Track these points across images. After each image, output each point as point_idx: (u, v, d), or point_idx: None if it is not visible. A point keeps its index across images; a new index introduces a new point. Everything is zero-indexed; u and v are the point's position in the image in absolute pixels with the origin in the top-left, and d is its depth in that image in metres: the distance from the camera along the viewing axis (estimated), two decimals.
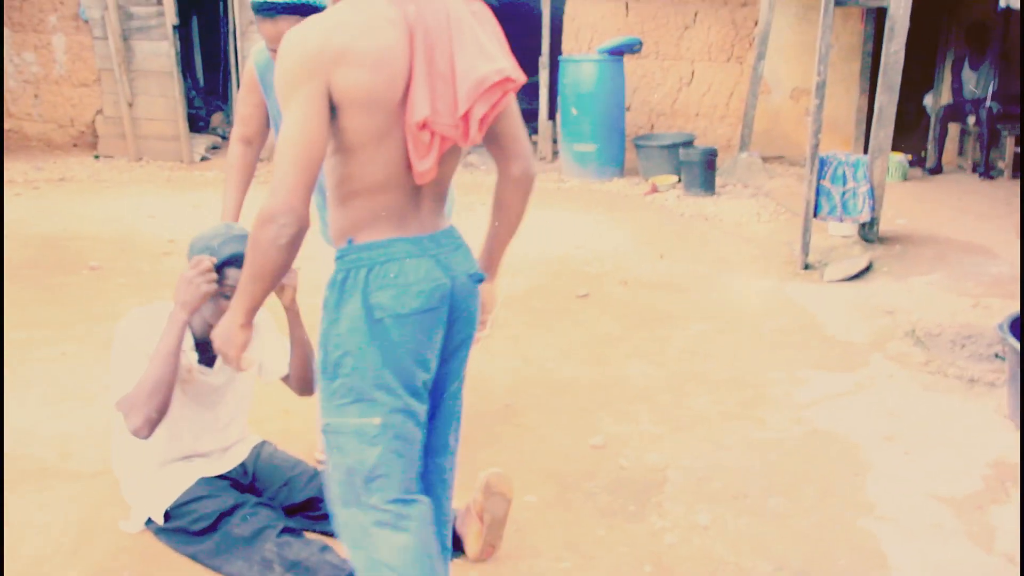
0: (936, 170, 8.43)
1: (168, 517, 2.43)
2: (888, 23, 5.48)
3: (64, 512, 2.71)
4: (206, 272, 2.27)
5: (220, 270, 2.30)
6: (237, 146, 2.88)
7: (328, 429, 1.83)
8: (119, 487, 2.60)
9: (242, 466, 2.61)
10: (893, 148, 5.94)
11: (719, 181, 7.85)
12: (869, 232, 5.81)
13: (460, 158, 1.90)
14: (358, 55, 1.65)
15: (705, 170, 7.54)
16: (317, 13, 2.45)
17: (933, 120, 8.67)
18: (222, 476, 2.53)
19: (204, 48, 11.13)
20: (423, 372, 1.83)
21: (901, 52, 5.49)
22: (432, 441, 1.97)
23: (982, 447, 3.26)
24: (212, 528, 2.38)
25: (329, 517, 1.94)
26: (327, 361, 1.79)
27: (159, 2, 8.77)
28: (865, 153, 5.81)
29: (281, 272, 1.71)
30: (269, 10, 2.47)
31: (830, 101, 7.61)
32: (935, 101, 8.94)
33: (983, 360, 4.02)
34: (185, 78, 9.59)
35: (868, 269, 5.36)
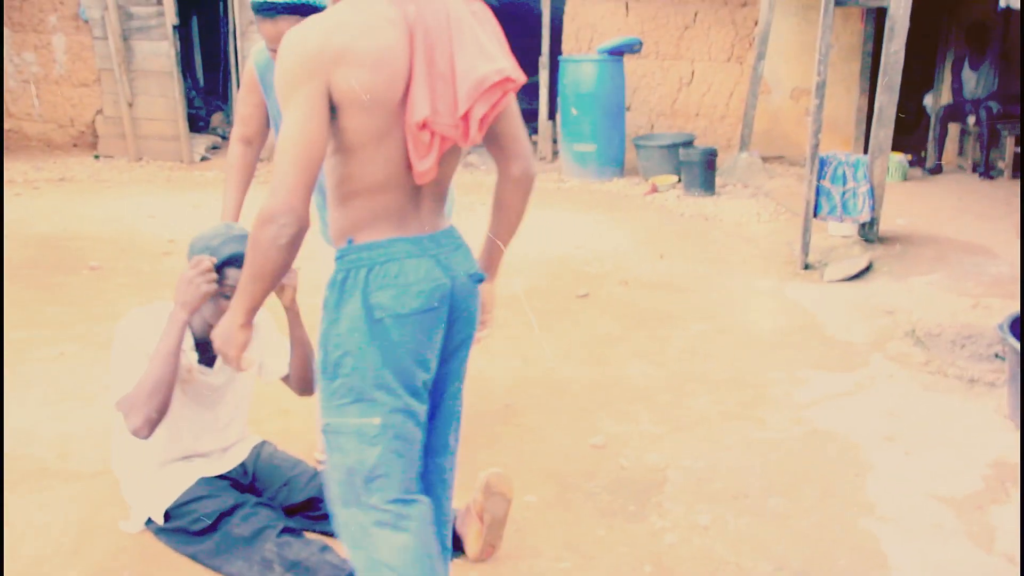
0: (936, 170, 8.44)
1: (168, 517, 2.43)
2: (888, 23, 5.48)
3: (64, 512, 2.71)
4: (206, 272, 2.28)
5: (220, 270, 2.31)
6: (237, 146, 2.88)
7: (328, 429, 1.83)
8: (119, 487, 2.60)
9: (242, 466, 2.61)
10: (893, 148, 5.94)
11: (719, 181, 7.85)
12: (869, 232, 5.81)
13: (460, 158, 1.90)
14: (358, 55, 1.65)
15: (705, 170, 7.54)
16: (317, 13, 2.45)
17: (933, 120, 8.67)
18: (222, 476, 2.53)
19: (204, 48, 11.13)
20: (423, 372, 1.83)
21: (901, 52, 5.49)
22: (432, 441, 1.97)
23: (982, 447, 3.26)
24: (212, 528, 2.38)
25: (329, 517, 1.94)
26: (327, 361, 1.79)
27: (159, 2, 8.77)
28: (865, 153, 5.81)
29: (281, 272, 1.71)
30: (269, 10, 2.46)
31: (830, 101, 7.62)
32: (935, 101, 8.94)
33: (983, 360, 4.02)
34: (185, 78, 9.59)
35: (868, 269, 5.36)
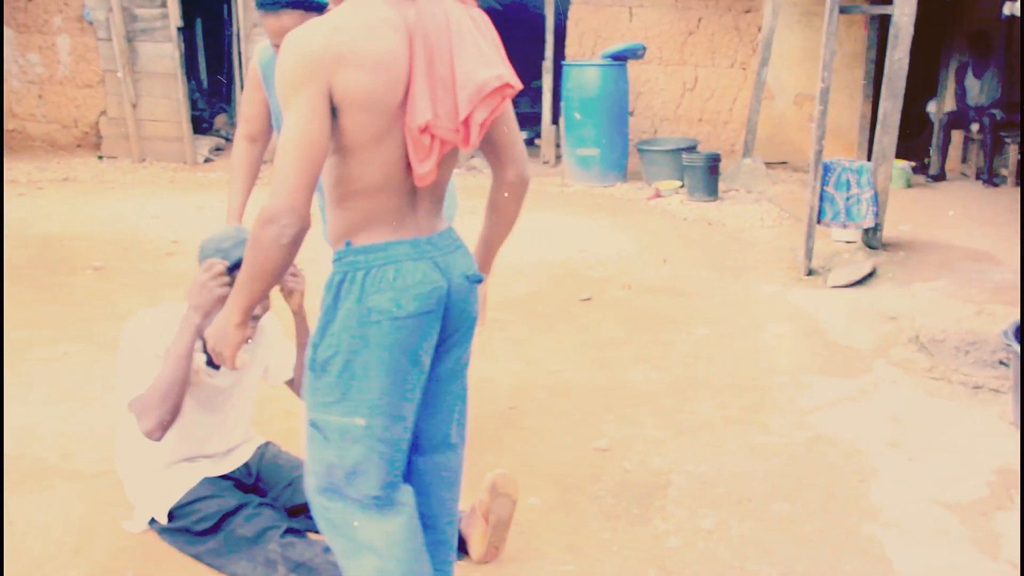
0: (939, 177, 8.43)
1: (172, 517, 2.42)
2: (892, 30, 5.49)
3: (66, 512, 2.70)
4: (219, 276, 2.27)
5: (232, 273, 2.30)
6: (242, 144, 2.88)
7: (312, 424, 1.85)
8: (121, 487, 2.59)
9: (246, 466, 2.60)
10: (896, 155, 5.94)
11: (722, 186, 7.86)
12: (873, 238, 5.80)
13: (457, 160, 1.92)
14: (359, 57, 1.66)
15: (708, 175, 7.54)
16: (319, 8, 2.45)
17: (937, 127, 8.67)
18: (226, 476, 2.52)
19: (208, 50, 11.15)
20: (415, 374, 1.84)
21: (905, 59, 5.49)
22: (429, 438, 1.98)
23: (987, 453, 3.25)
24: (216, 528, 2.37)
25: None
26: (316, 358, 1.81)
27: (163, 4, 8.79)
28: (868, 160, 5.81)
29: (281, 272, 1.71)
30: (273, 5, 2.47)
31: (833, 107, 7.59)
32: (939, 108, 8.94)
33: (987, 367, 4.01)
34: (189, 80, 9.61)
35: (872, 275, 5.36)
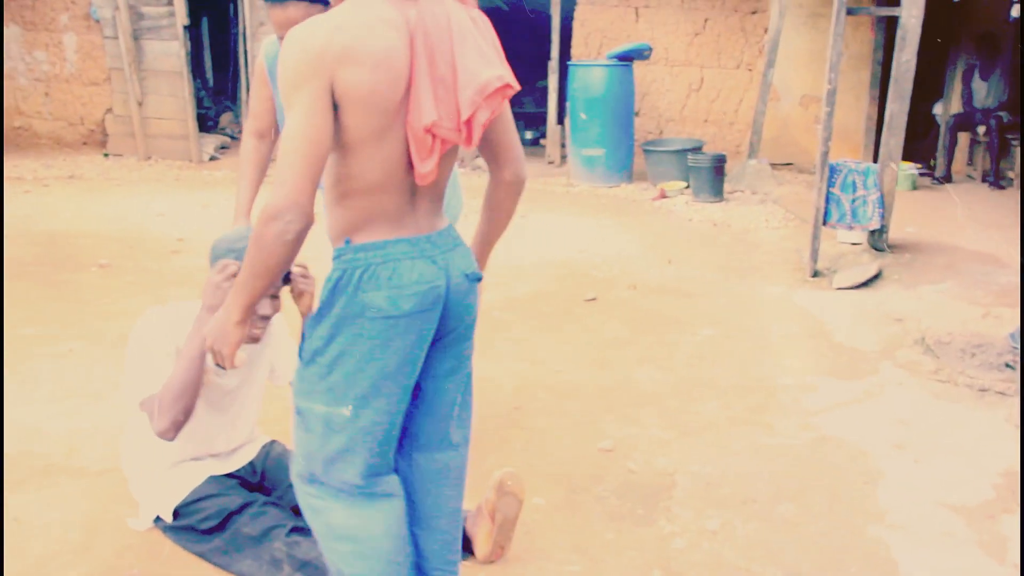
0: (945, 179, 8.42)
1: (177, 515, 2.42)
2: (900, 32, 5.48)
3: (71, 509, 2.71)
4: (233, 276, 2.27)
5: None
6: (250, 140, 2.88)
7: (297, 411, 1.89)
8: (126, 484, 2.59)
9: (251, 465, 2.60)
10: (902, 157, 5.92)
11: (728, 187, 7.84)
12: (878, 240, 5.79)
13: (456, 159, 1.93)
14: (360, 55, 1.66)
15: (714, 176, 7.53)
16: (324, 1, 2.45)
17: (943, 129, 8.65)
18: (231, 475, 2.52)
19: (214, 49, 11.16)
20: (408, 372, 1.85)
21: (913, 61, 5.48)
22: (428, 435, 2.00)
23: (993, 456, 3.24)
24: (221, 527, 2.37)
25: None
26: (308, 348, 1.83)
27: (170, 2, 8.80)
28: (874, 161, 5.80)
29: (283, 268, 1.71)
30: None
31: (839, 109, 7.57)
32: (945, 110, 8.92)
33: (993, 369, 4.00)
34: (195, 78, 9.62)
35: (877, 277, 5.35)
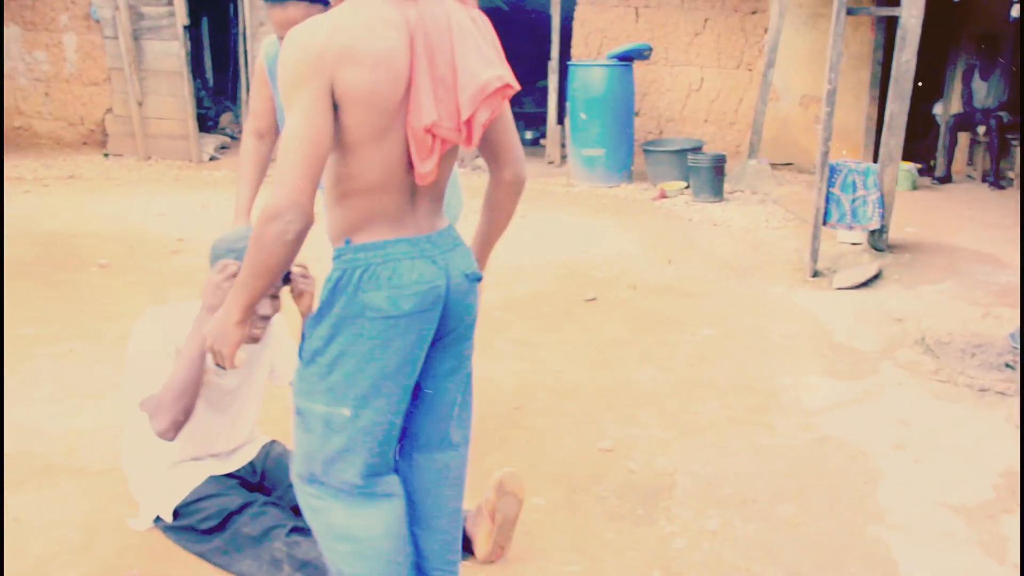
0: (945, 179, 8.42)
1: (177, 515, 2.42)
2: (900, 32, 5.48)
3: (71, 509, 2.70)
4: (233, 277, 2.27)
5: None
6: (250, 140, 2.87)
7: (297, 411, 1.89)
8: (126, 484, 2.59)
9: (251, 465, 2.60)
10: (902, 157, 5.92)
11: (728, 187, 7.85)
12: (878, 240, 5.79)
13: (456, 158, 1.93)
14: (360, 55, 1.66)
15: (714, 176, 7.53)
16: (325, 1, 2.44)
17: (943, 129, 8.65)
18: (231, 475, 2.52)
19: (214, 49, 11.16)
20: (408, 372, 1.85)
21: (913, 61, 5.48)
22: (428, 435, 2.00)
23: (993, 456, 3.24)
24: (221, 527, 2.37)
25: None
26: (308, 348, 1.83)
27: (170, 2, 8.80)
28: (874, 161, 5.80)
29: (283, 268, 1.71)
30: None
31: (839, 109, 7.57)
32: (945, 110, 8.92)
33: (993, 369, 4.00)
34: (195, 78, 9.62)
35: (877, 277, 5.35)
